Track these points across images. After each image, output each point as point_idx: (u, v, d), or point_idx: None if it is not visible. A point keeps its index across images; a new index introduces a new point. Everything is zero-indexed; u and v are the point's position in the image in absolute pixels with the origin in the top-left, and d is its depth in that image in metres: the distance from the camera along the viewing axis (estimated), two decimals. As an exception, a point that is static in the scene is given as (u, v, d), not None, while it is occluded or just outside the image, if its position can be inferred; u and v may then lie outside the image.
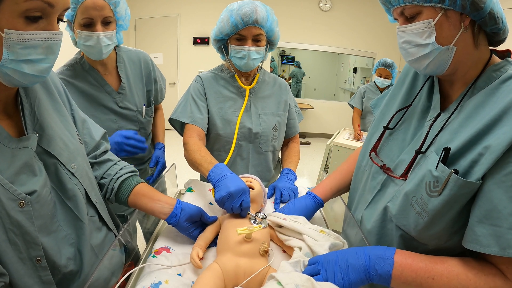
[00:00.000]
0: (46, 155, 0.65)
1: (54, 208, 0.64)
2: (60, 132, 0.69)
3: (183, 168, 1.29)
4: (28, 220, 0.57)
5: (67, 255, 0.65)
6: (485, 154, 0.56)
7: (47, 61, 0.56)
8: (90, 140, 0.84)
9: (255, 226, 0.74)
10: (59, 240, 0.64)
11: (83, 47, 1.12)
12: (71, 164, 0.68)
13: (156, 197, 0.83)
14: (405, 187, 0.70)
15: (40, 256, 0.59)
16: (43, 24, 0.53)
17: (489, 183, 0.56)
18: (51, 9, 0.53)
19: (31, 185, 0.58)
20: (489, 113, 0.60)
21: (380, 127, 0.87)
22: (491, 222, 0.55)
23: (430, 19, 0.63)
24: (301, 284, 0.58)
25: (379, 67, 2.90)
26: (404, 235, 0.71)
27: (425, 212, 0.63)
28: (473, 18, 0.62)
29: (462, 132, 0.63)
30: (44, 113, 0.67)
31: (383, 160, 0.82)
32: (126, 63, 1.32)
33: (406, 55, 0.71)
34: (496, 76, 0.65)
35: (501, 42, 0.69)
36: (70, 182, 0.67)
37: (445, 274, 0.59)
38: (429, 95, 0.79)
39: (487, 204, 0.56)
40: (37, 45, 0.53)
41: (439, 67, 0.68)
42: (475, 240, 0.57)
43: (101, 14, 1.07)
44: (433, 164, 0.62)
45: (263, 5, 1.15)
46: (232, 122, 1.25)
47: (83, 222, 0.69)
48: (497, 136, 0.56)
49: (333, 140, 2.72)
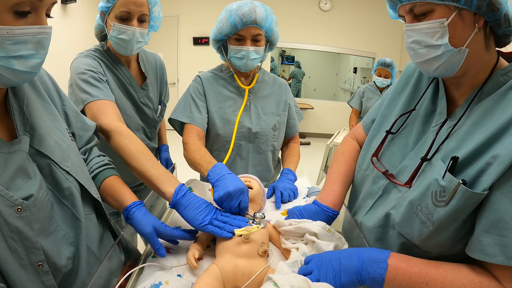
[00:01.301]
0: (39, 155, 0.63)
1: (51, 209, 0.63)
2: (51, 131, 0.67)
3: (183, 168, 1.29)
4: (27, 226, 0.56)
5: (67, 255, 0.64)
6: (493, 163, 0.55)
7: (37, 57, 0.55)
8: (83, 134, 0.82)
9: (253, 227, 0.74)
10: (58, 240, 0.63)
11: (116, 39, 1.13)
12: (65, 163, 0.67)
13: (116, 196, 0.80)
14: (409, 195, 0.68)
15: (41, 261, 0.58)
16: (32, 19, 0.52)
17: (496, 193, 0.55)
18: (40, 3, 0.52)
19: (27, 189, 0.57)
20: (497, 120, 0.58)
21: (381, 131, 0.85)
22: (498, 232, 0.54)
23: (443, 18, 0.60)
24: (297, 285, 0.58)
25: (378, 67, 2.90)
26: (406, 243, 0.70)
27: (430, 221, 0.61)
28: (487, 19, 0.60)
29: (470, 139, 0.61)
30: (34, 112, 0.65)
31: (385, 165, 0.80)
32: (145, 62, 1.35)
33: (414, 56, 0.67)
34: (504, 81, 0.63)
35: (507, 44, 0.67)
36: (66, 181, 0.66)
37: (440, 279, 0.58)
38: (433, 98, 0.76)
39: (494, 214, 0.54)
40: (27, 40, 0.52)
41: (449, 70, 0.65)
42: (481, 250, 0.56)
43: (139, 10, 1.10)
44: (439, 173, 0.61)
45: (262, 5, 1.15)
46: (232, 122, 1.25)
47: (81, 220, 0.67)
48: (505, 146, 0.54)
49: (333, 140, 2.73)
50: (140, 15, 1.11)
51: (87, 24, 4.45)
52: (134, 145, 0.91)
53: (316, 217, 0.84)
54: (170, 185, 0.82)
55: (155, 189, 0.85)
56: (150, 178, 0.84)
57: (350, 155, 0.98)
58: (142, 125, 1.33)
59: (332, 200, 0.88)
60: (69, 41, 4.09)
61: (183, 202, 0.79)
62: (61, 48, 3.92)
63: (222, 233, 0.75)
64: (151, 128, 1.41)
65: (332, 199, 0.88)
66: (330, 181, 0.94)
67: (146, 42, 1.19)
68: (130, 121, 1.25)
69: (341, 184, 0.92)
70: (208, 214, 0.78)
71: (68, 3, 3.98)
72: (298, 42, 6.09)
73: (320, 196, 0.91)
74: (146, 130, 1.37)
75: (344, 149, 1.01)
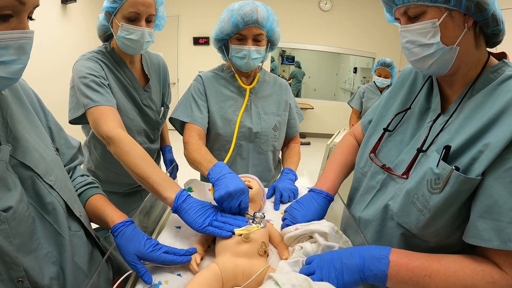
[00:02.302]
0: (22, 167, 0.60)
1: (33, 225, 0.59)
2: (35, 143, 0.65)
3: (183, 168, 1.29)
4: (6, 240, 0.53)
5: (50, 275, 0.61)
6: (484, 151, 0.58)
7: (19, 62, 0.53)
8: (67, 151, 0.80)
9: (253, 226, 0.74)
10: (40, 259, 0.60)
11: (124, 39, 1.13)
12: (49, 176, 0.64)
13: (99, 216, 0.78)
14: (406, 185, 0.71)
15: (21, 277, 0.55)
16: (13, 23, 0.50)
17: (489, 179, 0.57)
18: (22, 6, 0.50)
19: (6, 201, 0.54)
20: (487, 113, 0.61)
21: (378, 129, 0.88)
22: (492, 216, 0.56)
23: (435, 19, 0.64)
24: (298, 284, 0.58)
25: (378, 67, 2.90)
26: (405, 233, 0.71)
27: (426, 209, 0.64)
28: (476, 19, 0.64)
29: (462, 131, 0.64)
30: (18, 124, 0.63)
31: (382, 160, 0.83)
32: (148, 63, 1.35)
33: (409, 54, 0.71)
34: (494, 78, 0.67)
35: (497, 43, 0.71)
36: (49, 195, 0.63)
37: (442, 271, 0.59)
38: (427, 97, 0.80)
39: (488, 199, 0.57)
40: (9, 45, 0.50)
41: (442, 67, 0.68)
42: (477, 235, 0.58)
43: (147, 11, 1.11)
44: (434, 163, 0.64)
45: (264, 5, 1.15)
46: (232, 122, 1.25)
47: (64, 237, 0.64)
48: (496, 134, 0.57)
49: (333, 140, 2.73)
50: (148, 16, 1.12)
51: (87, 24, 4.45)
52: (136, 152, 0.92)
53: (313, 201, 0.89)
54: (171, 191, 0.83)
55: (156, 195, 0.85)
56: (152, 184, 0.85)
57: (347, 149, 1.03)
58: (144, 127, 1.33)
59: (327, 186, 0.93)
60: (68, 41, 4.09)
61: (184, 207, 0.80)
62: (61, 48, 3.92)
63: (222, 232, 0.75)
64: (154, 130, 1.40)
65: (327, 185, 0.93)
66: (325, 171, 0.99)
67: (152, 41, 1.20)
68: (132, 124, 1.25)
69: (335, 173, 0.97)
70: (208, 217, 0.79)
71: (68, 3, 3.98)
72: (298, 42, 6.09)
73: (316, 185, 0.96)
74: (149, 132, 1.37)
75: (342, 145, 1.06)
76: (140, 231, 0.73)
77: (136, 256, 0.69)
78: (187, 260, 0.72)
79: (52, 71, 3.72)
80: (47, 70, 3.65)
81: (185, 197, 0.82)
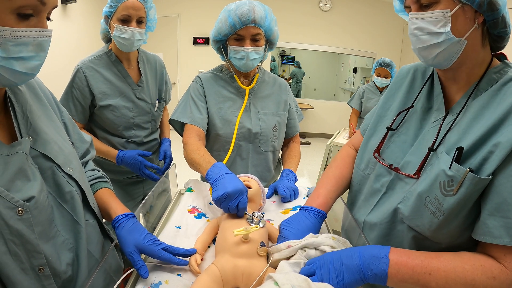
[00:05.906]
0: (42, 158, 0.63)
1: (51, 214, 0.63)
2: (53, 136, 0.68)
3: (183, 168, 1.29)
4: (28, 228, 0.55)
5: (66, 261, 0.64)
6: (495, 151, 0.59)
7: (37, 59, 0.56)
8: (80, 145, 0.84)
9: (252, 227, 0.73)
10: (58, 246, 0.63)
11: (118, 38, 1.31)
12: (68, 167, 0.68)
13: (104, 209, 0.80)
14: (417, 188, 0.70)
15: (42, 265, 0.58)
16: (33, 21, 0.53)
17: (499, 177, 0.59)
18: (43, 6, 0.53)
19: (28, 191, 0.57)
20: (494, 113, 0.63)
21: (379, 129, 0.87)
22: (502, 214, 0.58)
23: (447, 9, 0.64)
24: (297, 285, 0.58)
25: (378, 67, 2.90)
26: (416, 236, 0.71)
27: (440, 211, 0.64)
28: (486, 17, 0.65)
29: (470, 132, 0.65)
30: (37, 118, 0.66)
31: (387, 161, 0.82)
32: (145, 62, 1.51)
33: (416, 41, 0.71)
34: (497, 78, 0.68)
35: (500, 48, 0.72)
36: (68, 185, 0.67)
37: (442, 268, 0.59)
38: (428, 96, 0.80)
39: (498, 197, 0.59)
40: (28, 42, 0.53)
41: (447, 59, 0.69)
42: (487, 232, 0.60)
43: (137, 14, 1.29)
44: (445, 164, 0.64)
45: (261, 5, 1.15)
46: (232, 122, 1.25)
47: (81, 225, 0.68)
48: (505, 134, 0.59)
49: (333, 140, 2.73)
50: (138, 18, 1.30)
51: (87, 24, 4.46)
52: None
53: (304, 219, 0.82)
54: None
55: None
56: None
57: (342, 161, 1.00)
58: (137, 122, 1.47)
59: (318, 203, 0.87)
60: (69, 41, 4.10)
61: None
62: (61, 48, 3.92)
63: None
64: (150, 122, 1.53)
65: (318, 202, 0.87)
66: (317, 187, 0.93)
67: (144, 40, 1.38)
68: (123, 115, 1.41)
69: (326, 187, 0.91)
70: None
71: (68, 3, 3.98)
72: (298, 42, 6.08)
73: (306, 202, 0.90)
74: (144, 124, 1.50)
75: (338, 156, 1.03)
76: (141, 225, 0.75)
77: (136, 248, 0.70)
78: (183, 263, 0.72)
79: (52, 71, 3.71)
80: (47, 70, 3.63)
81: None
